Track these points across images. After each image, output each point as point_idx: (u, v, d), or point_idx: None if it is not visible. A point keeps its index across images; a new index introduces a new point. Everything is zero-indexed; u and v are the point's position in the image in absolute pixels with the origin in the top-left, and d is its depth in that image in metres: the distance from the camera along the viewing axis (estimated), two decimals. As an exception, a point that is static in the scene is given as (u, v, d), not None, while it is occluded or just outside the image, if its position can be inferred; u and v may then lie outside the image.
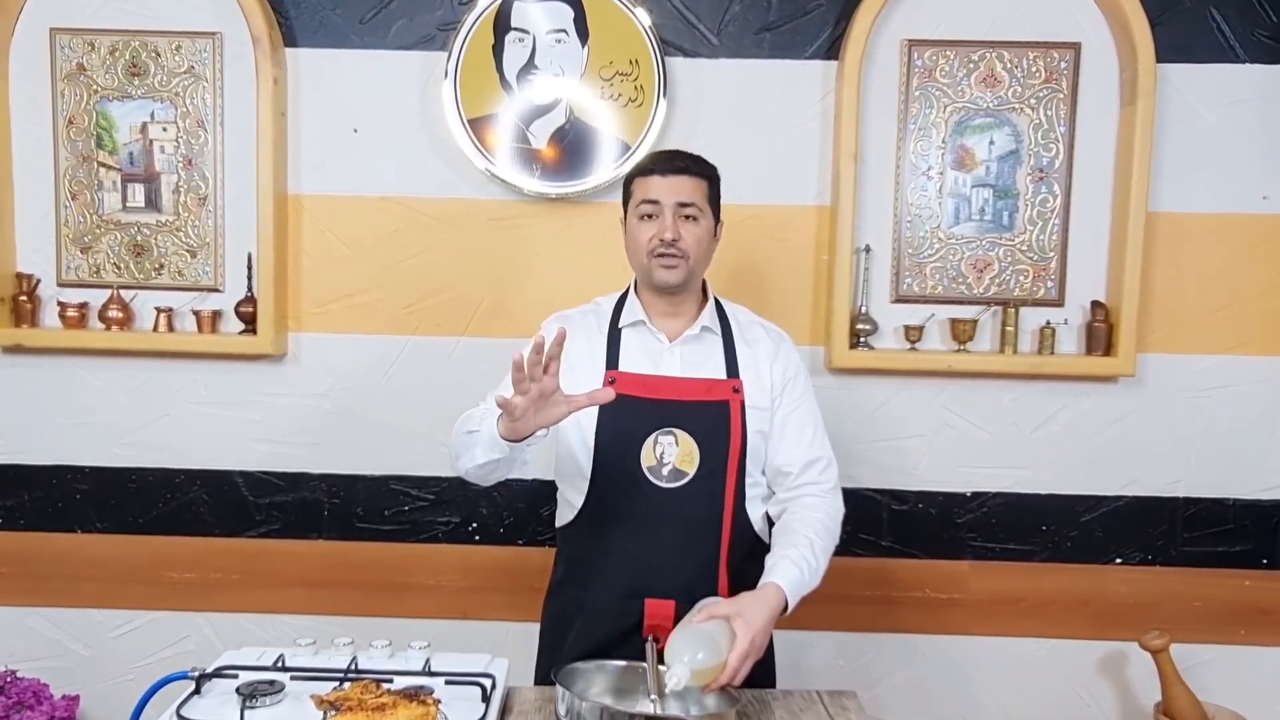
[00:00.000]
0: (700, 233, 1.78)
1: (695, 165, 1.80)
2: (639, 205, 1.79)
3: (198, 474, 2.55)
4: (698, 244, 1.77)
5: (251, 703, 1.43)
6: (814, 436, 1.84)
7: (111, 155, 2.50)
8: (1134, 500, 2.52)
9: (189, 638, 2.58)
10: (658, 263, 1.77)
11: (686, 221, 1.77)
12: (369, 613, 2.53)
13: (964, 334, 2.44)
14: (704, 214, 1.79)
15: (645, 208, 1.78)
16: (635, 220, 1.80)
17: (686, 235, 1.76)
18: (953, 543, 2.54)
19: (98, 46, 2.47)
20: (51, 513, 2.57)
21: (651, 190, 1.77)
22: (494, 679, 1.55)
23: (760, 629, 1.54)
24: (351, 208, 2.50)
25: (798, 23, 2.45)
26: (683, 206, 1.76)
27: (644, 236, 1.78)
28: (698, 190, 1.78)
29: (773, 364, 1.83)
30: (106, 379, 2.54)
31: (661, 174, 1.77)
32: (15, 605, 2.58)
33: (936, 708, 2.58)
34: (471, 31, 2.41)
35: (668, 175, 1.77)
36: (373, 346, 2.52)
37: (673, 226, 1.75)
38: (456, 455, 1.77)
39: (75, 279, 2.53)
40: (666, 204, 1.76)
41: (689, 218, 1.77)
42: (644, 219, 1.78)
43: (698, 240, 1.77)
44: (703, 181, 1.80)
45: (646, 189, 1.78)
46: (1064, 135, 2.45)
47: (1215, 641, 2.53)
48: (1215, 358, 2.49)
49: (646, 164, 1.82)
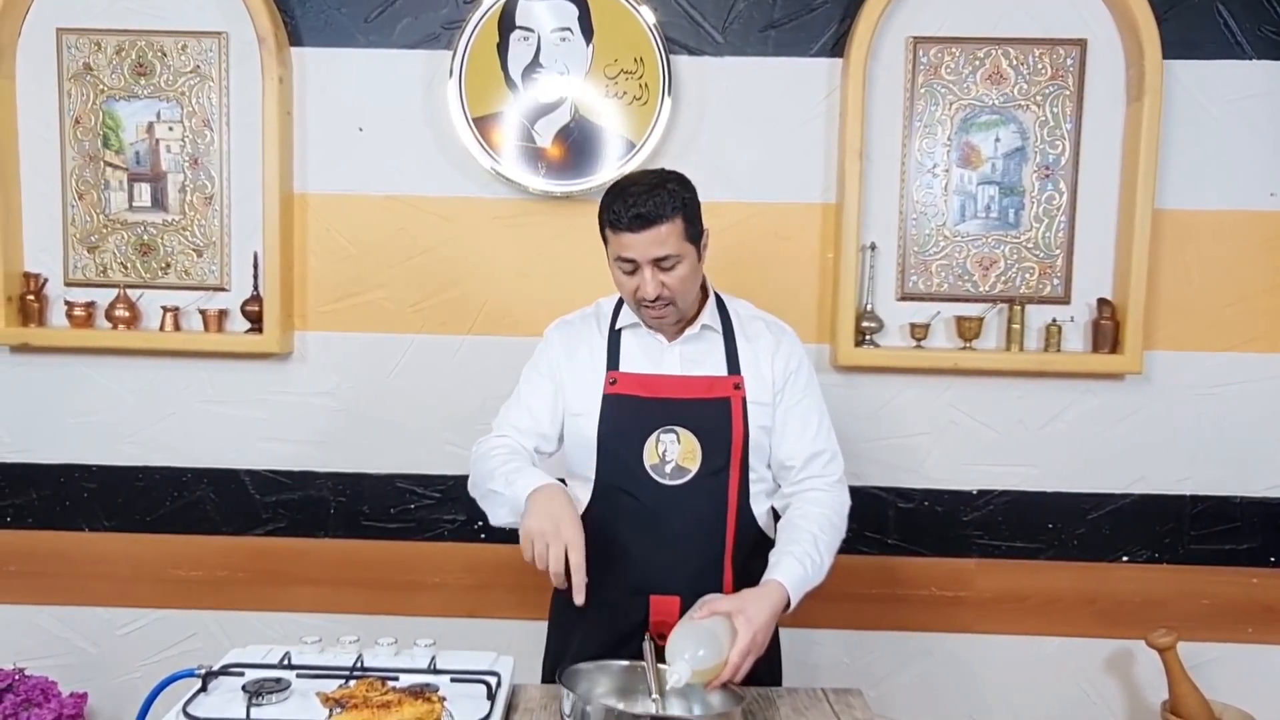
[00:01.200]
0: (684, 272, 1.71)
1: (665, 207, 1.66)
2: (616, 260, 1.73)
3: (204, 473, 2.56)
4: (682, 284, 1.72)
5: (257, 700, 1.44)
6: (818, 430, 1.83)
7: (118, 155, 2.51)
8: (1141, 498, 2.52)
9: (196, 636, 2.59)
10: (646, 313, 1.76)
11: (667, 271, 1.69)
12: (376, 611, 2.54)
13: (970, 332, 2.44)
14: (684, 254, 1.70)
15: (622, 264, 1.72)
16: (616, 269, 1.75)
17: (670, 282, 1.70)
18: (959, 541, 2.54)
19: (104, 46, 2.48)
20: (59, 511, 2.58)
21: (625, 248, 1.69)
22: (499, 677, 1.55)
23: (762, 626, 1.54)
24: (357, 206, 2.51)
25: (802, 20, 2.45)
26: (659, 261, 1.68)
27: (628, 288, 1.74)
28: (673, 235, 1.67)
29: (774, 358, 1.83)
30: (113, 378, 2.55)
31: (631, 230, 1.66)
32: (23, 603, 2.59)
33: (943, 706, 2.58)
34: (476, 30, 2.41)
35: (638, 231, 1.66)
36: (378, 345, 2.53)
37: (654, 283, 1.69)
38: (479, 496, 1.80)
39: (82, 278, 2.53)
40: (643, 262, 1.68)
41: (669, 267, 1.70)
42: (624, 273, 1.73)
43: (682, 281, 1.71)
44: (676, 223, 1.68)
45: (620, 246, 1.70)
46: (1070, 132, 2.44)
47: (1223, 640, 2.52)
48: (1222, 355, 2.48)
49: (616, 216, 1.68)
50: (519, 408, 1.86)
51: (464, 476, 2.49)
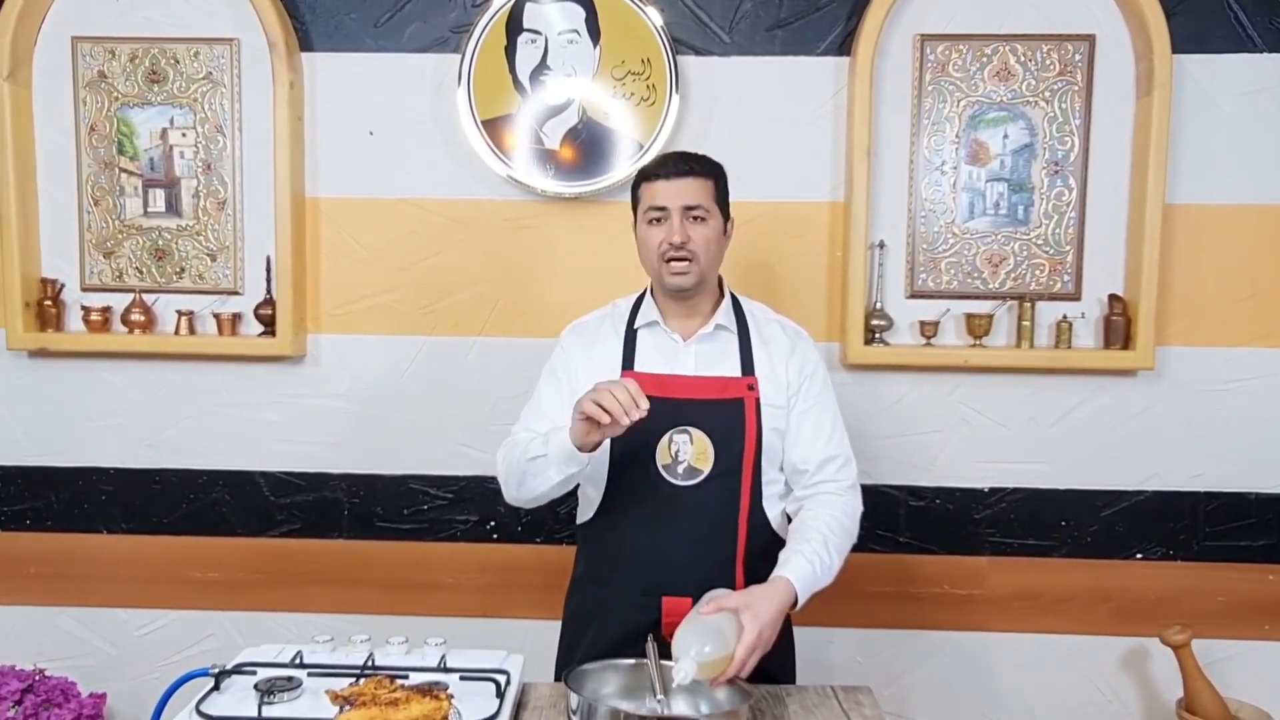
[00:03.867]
0: (709, 233, 1.78)
1: (700, 166, 1.79)
2: (647, 211, 1.80)
3: (220, 475, 2.59)
4: (707, 244, 1.78)
5: (269, 699, 1.45)
6: (831, 433, 1.83)
7: (132, 161, 2.53)
8: (1154, 495, 2.50)
9: (213, 636, 2.61)
10: (668, 268, 1.78)
11: (695, 223, 1.77)
12: (389, 611, 2.56)
13: (980, 329, 2.43)
14: (712, 214, 1.79)
15: (653, 213, 1.78)
16: (644, 226, 1.81)
17: (695, 236, 1.76)
18: (971, 538, 2.53)
19: (118, 54, 2.51)
20: (78, 514, 2.61)
21: (658, 196, 1.77)
22: (509, 675, 1.56)
23: (768, 622, 1.54)
24: (368, 210, 2.53)
25: (809, 19, 2.45)
26: (689, 209, 1.76)
27: (653, 241, 1.79)
28: (704, 191, 1.78)
29: (789, 361, 1.84)
30: (129, 381, 2.58)
31: (666, 178, 1.77)
32: (43, 605, 2.63)
33: (957, 704, 2.57)
34: (484, 33, 2.43)
35: (672, 179, 1.76)
36: (390, 347, 2.55)
37: (680, 230, 1.75)
38: (518, 484, 1.78)
39: (98, 283, 2.57)
40: (673, 208, 1.76)
41: (697, 219, 1.77)
42: (652, 224, 1.79)
43: (706, 241, 1.77)
44: (708, 181, 1.79)
45: (653, 195, 1.78)
46: (1079, 128, 2.43)
47: (1238, 637, 2.51)
48: (1235, 350, 2.47)
49: (651, 169, 1.81)
50: (537, 413, 1.88)
51: (476, 477, 2.55)
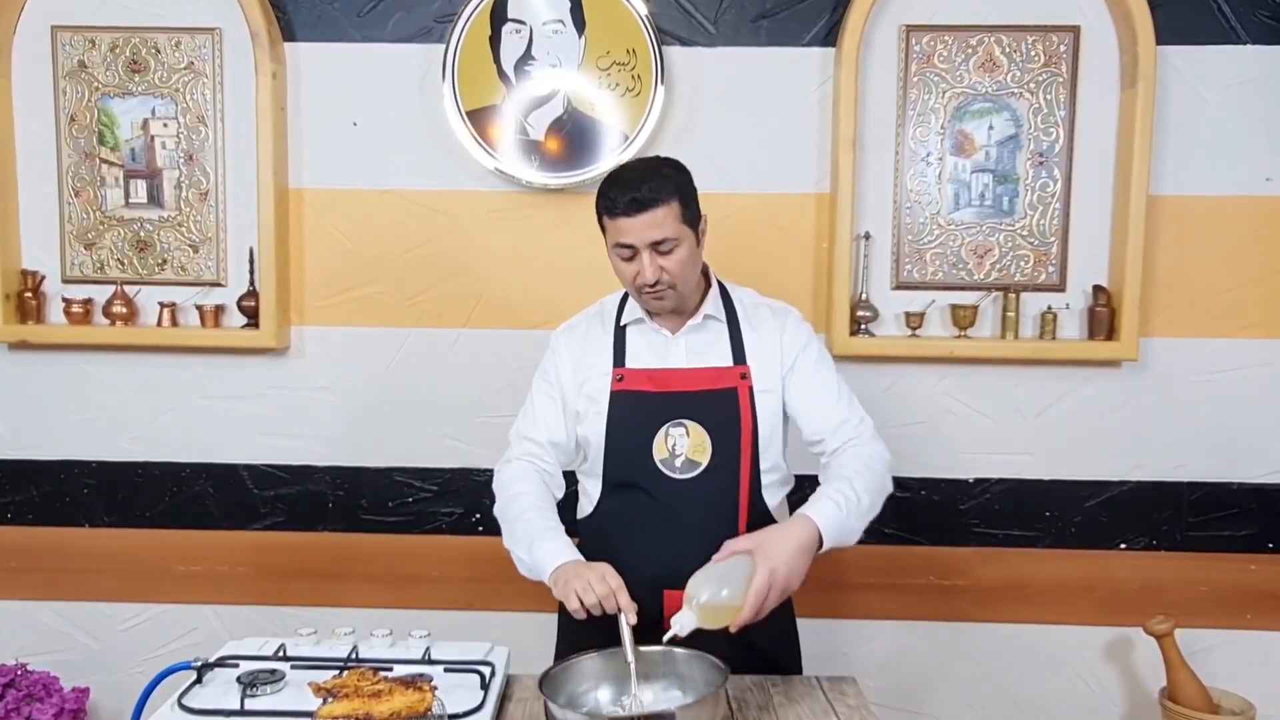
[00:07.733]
0: (683, 256, 1.71)
1: (662, 190, 1.67)
2: (614, 246, 1.73)
3: (203, 467, 2.57)
4: (681, 268, 1.71)
5: (252, 691, 1.45)
6: (838, 398, 1.80)
7: (114, 152, 2.51)
8: (1138, 485, 2.51)
9: (197, 630, 2.60)
10: (646, 299, 1.76)
11: (665, 255, 1.69)
12: (375, 604, 2.55)
13: (965, 320, 2.43)
14: (683, 237, 1.70)
15: (620, 250, 1.72)
16: (614, 256, 1.75)
17: (669, 266, 1.70)
18: (956, 529, 2.54)
19: (98, 43, 2.49)
20: (59, 507, 2.59)
21: (622, 233, 1.69)
22: (493, 667, 1.56)
23: (783, 561, 1.50)
24: (352, 201, 2.51)
25: (795, 10, 2.45)
26: (657, 244, 1.68)
27: (627, 274, 1.74)
28: (669, 218, 1.67)
29: (780, 340, 1.82)
30: (112, 374, 2.56)
31: (627, 215, 1.66)
32: (25, 599, 2.61)
33: (941, 694, 2.58)
34: (468, 23, 2.41)
35: (634, 215, 1.66)
36: (375, 339, 2.54)
37: (652, 268, 1.69)
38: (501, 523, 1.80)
39: (79, 275, 2.54)
40: (641, 246, 1.68)
41: (666, 251, 1.70)
42: (623, 259, 1.73)
43: (681, 265, 1.71)
44: (673, 205, 1.68)
45: (617, 232, 1.69)
46: (1064, 119, 2.43)
47: (1221, 626, 2.52)
48: (1219, 341, 2.48)
49: (611, 202, 1.69)
50: (531, 420, 1.86)
51: (462, 469, 2.54)
